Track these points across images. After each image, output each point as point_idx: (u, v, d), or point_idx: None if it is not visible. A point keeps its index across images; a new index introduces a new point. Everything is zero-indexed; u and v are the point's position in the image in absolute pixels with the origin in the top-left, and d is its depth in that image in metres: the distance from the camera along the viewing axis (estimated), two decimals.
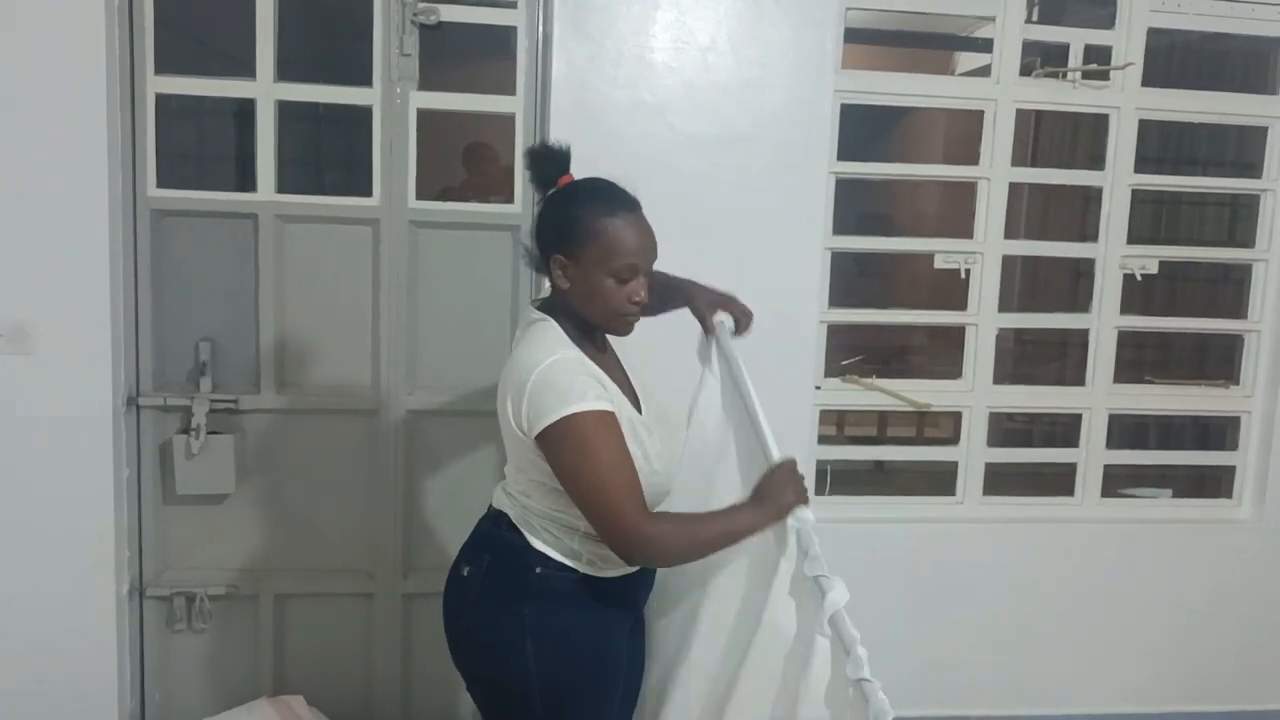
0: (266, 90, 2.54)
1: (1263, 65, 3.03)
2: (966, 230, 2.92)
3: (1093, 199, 3.02)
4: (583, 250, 1.58)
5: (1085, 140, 3.59)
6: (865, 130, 2.88)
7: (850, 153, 2.78)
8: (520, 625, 1.61)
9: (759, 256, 2.64)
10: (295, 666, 2.75)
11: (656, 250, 1.63)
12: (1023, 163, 3.27)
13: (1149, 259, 2.99)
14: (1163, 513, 3.13)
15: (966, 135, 2.98)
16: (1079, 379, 3.05)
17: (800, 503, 1.54)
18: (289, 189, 2.60)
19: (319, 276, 2.64)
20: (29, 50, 2.33)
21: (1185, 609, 3.04)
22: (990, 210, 2.88)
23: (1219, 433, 3.19)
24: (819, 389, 2.86)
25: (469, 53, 2.67)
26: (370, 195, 2.61)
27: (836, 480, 2.95)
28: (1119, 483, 3.17)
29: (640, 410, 1.68)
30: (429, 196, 2.67)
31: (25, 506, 2.47)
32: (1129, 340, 3.08)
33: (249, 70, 2.53)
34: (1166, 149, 3.38)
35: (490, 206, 2.73)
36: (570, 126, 2.53)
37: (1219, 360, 3.23)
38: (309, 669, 2.75)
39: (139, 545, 2.63)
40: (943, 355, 3.39)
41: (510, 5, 2.59)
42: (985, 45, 2.87)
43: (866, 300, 3.41)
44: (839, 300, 2.88)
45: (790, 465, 1.59)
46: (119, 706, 2.58)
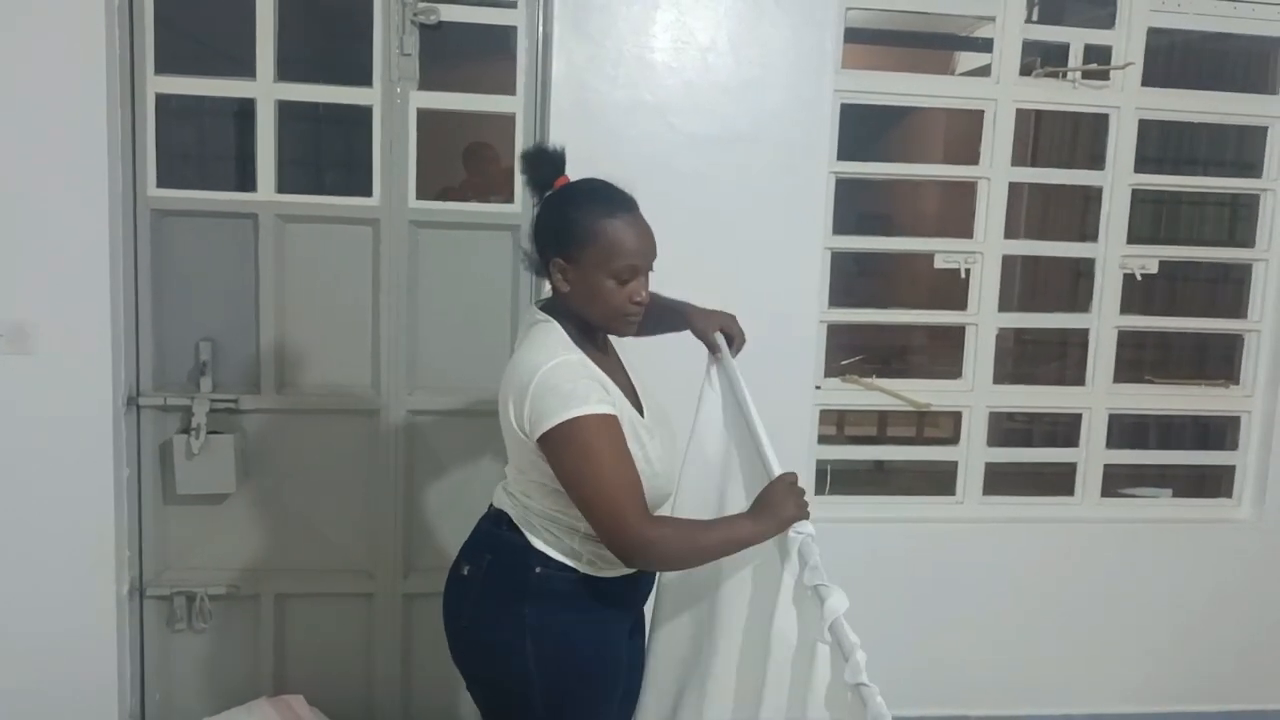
0: (266, 90, 2.54)
1: (1263, 65, 3.03)
2: (966, 230, 2.92)
3: (1093, 199, 3.02)
4: (582, 252, 1.57)
5: (1085, 140, 3.59)
6: (865, 130, 2.88)
7: (850, 153, 2.78)
8: (520, 625, 1.61)
9: (759, 256, 2.64)
10: (295, 666, 2.75)
11: (656, 249, 1.63)
12: (1023, 163, 3.27)
13: (1149, 259, 2.99)
14: (1163, 513, 3.13)
15: (966, 135, 2.98)
16: (1079, 379, 3.05)
17: (801, 517, 1.54)
18: (289, 189, 2.60)
19: (319, 276, 2.64)
20: (29, 50, 2.33)
21: (1185, 609, 3.04)
22: (990, 210, 2.88)
23: (1219, 432, 3.19)
24: (819, 389, 2.86)
25: (469, 53, 2.67)
26: (370, 195, 2.61)
27: (836, 480, 2.95)
28: (1119, 482, 3.17)
29: (642, 412, 1.68)
30: (429, 196, 2.67)
31: (25, 506, 2.47)
32: (1129, 340, 3.08)
33: (249, 70, 2.53)
34: (1166, 149, 3.38)
35: (490, 206, 2.73)
36: (570, 126, 2.53)
37: (1219, 360, 3.23)
38: (309, 669, 2.75)
39: (139, 545, 2.63)
40: (943, 355, 3.39)
41: (510, 5, 2.59)
42: (985, 45, 2.87)
43: (866, 300, 3.41)
44: (839, 300, 2.88)
45: (791, 479, 1.59)
46: (119, 706, 2.58)
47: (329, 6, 3.16)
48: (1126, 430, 3.22)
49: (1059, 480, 3.09)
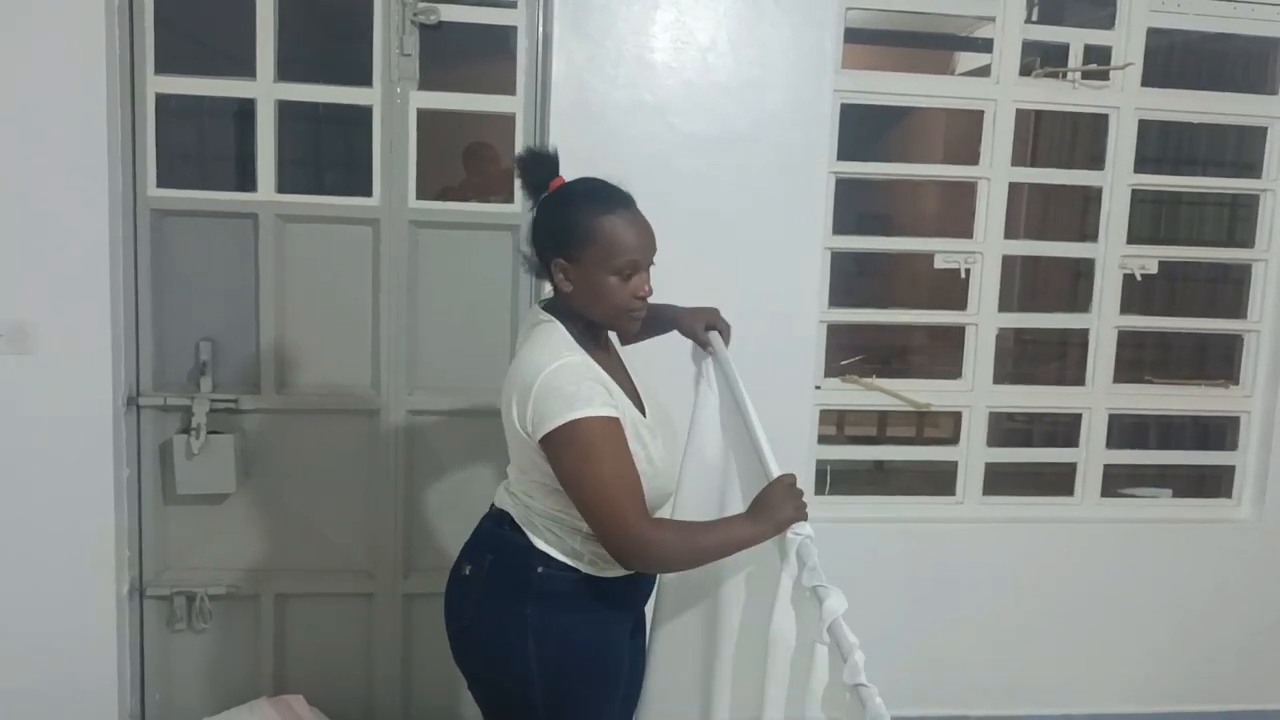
0: (266, 90, 2.54)
1: (1263, 65, 3.03)
2: (966, 230, 2.92)
3: (1092, 199, 3.03)
4: (583, 252, 1.57)
5: (1085, 140, 3.59)
6: (865, 130, 2.88)
7: (850, 153, 2.78)
8: (522, 625, 1.61)
9: (759, 256, 2.64)
10: (295, 666, 2.75)
11: (655, 243, 1.63)
12: (1022, 163, 3.27)
13: (1149, 259, 2.99)
14: (1163, 513, 3.13)
15: (966, 135, 2.98)
16: (1079, 379, 3.05)
17: (799, 518, 1.53)
18: (289, 189, 2.60)
19: (319, 276, 2.64)
20: (29, 50, 2.33)
21: (1185, 609, 3.04)
22: (990, 210, 2.88)
23: (1219, 432, 3.19)
24: (819, 389, 2.86)
25: (469, 53, 2.67)
26: (370, 195, 2.61)
27: (836, 480, 2.95)
28: (1119, 482, 3.17)
29: (644, 412, 1.68)
30: (429, 196, 2.67)
31: (25, 506, 2.47)
32: (1129, 340, 3.08)
33: (249, 70, 2.53)
34: (1166, 149, 3.37)
35: (490, 206, 2.73)
36: (570, 126, 2.53)
37: (1219, 360, 3.23)
38: (309, 669, 2.75)
39: (139, 545, 2.63)
40: (943, 355, 3.39)
41: (510, 5, 2.59)
42: (985, 45, 2.87)
43: (866, 300, 3.40)
44: (839, 300, 2.88)
45: (790, 481, 1.58)
46: (119, 706, 2.58)
47: (329, 6, 3.16)
48: (1126, 430, 3.22)
49: (1059, 480, 3.09)
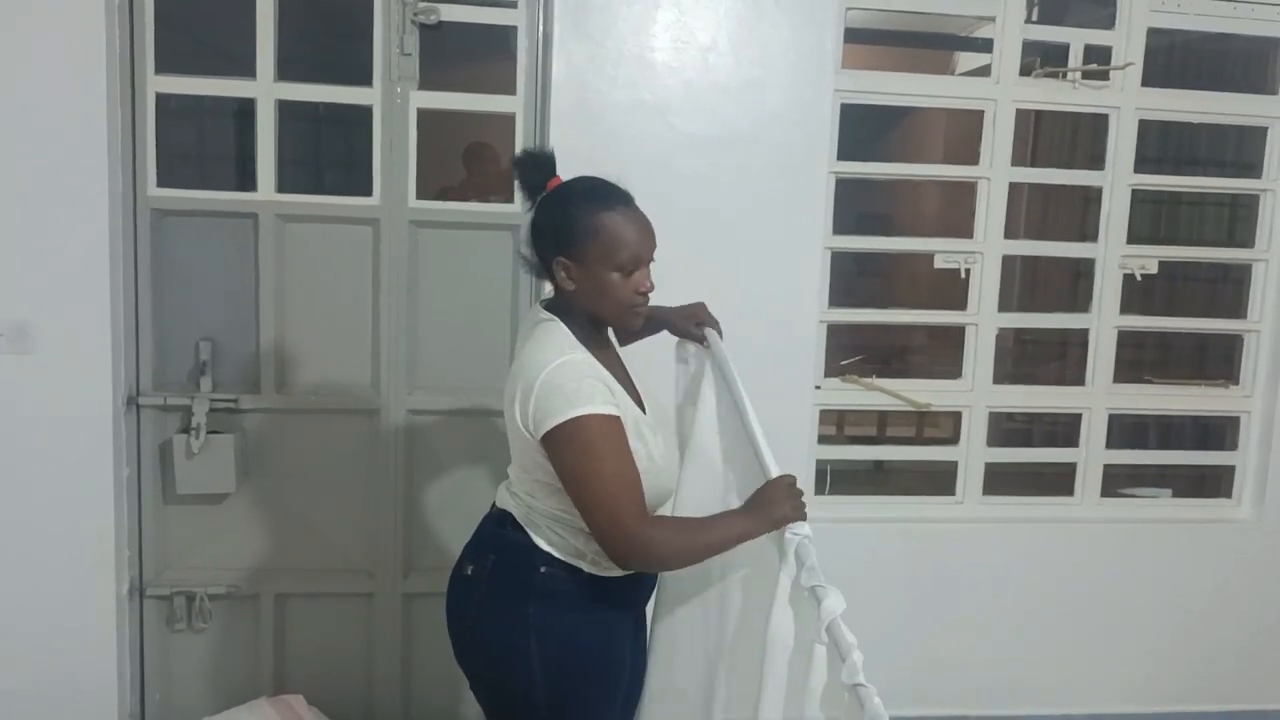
0: (267, 90, 2.54)
1: (1263, 65, 3.03)
2: (966, 230, 2.92)
3: (1093, 199, 3.02)
4: (584, 249, 1.58)
5: (1085, 140, 3.59)
6: (865, 130, 2.88)
7: (850, 153, 2.78)
8: (525, 625, 1.61)
9: (759, 256, 2.64)
10: (295, 666, 2.75)
11: (655, 239, 1.63)
12: (1023, 163, 3.27)
13: (1149, 259, 2.99)
14: (1162, 512, 3.13)
15: (966, 135, 2.98)
16: (1079, 379, 3.05)
17: (798, 518, 1.52)
18: (289, 189, 2.60)
19: (319, 276, 2.64)
20: (29, 50, 2.33)
21: (1185, 609, 3.04)
22: (990, 210, 2.88)
23: (1219, 432, 3.19)
24: (819, 389, 2.86)
25: (469, 53, 2.67)
26: (370, 195, 2.61)
27: (836, 480, 2.95)
28: (1119, 482, 3.17)
29: (644, 410, 1.69)
30: (429, 196, 2.67)
31: (25, 506, 2.47)
32: (1129, 340, 3.08)
33: (249, 70, 2.53)
34: (1166, 149, 3.38)
35: (490, 206, 2.73)
36: (570, 126, 2.53)
37: (1219, 360, 3.23)
38: (309, 669, 2.75)
39: (139, 545, 2.63)
40: (943, 355, 3.39)
41: (510, 5, 2.59)
42: (985, 45, 2.87)
43: (866, 300, 3.40)
44: (839, 300, 2.88)
45: (789, 480, 1.58)
46: (119, 706, 2.58)
47: (329, 6, 3.15)
48: (1126, 430, 3.22)
49: (1059, 480, 3.09)
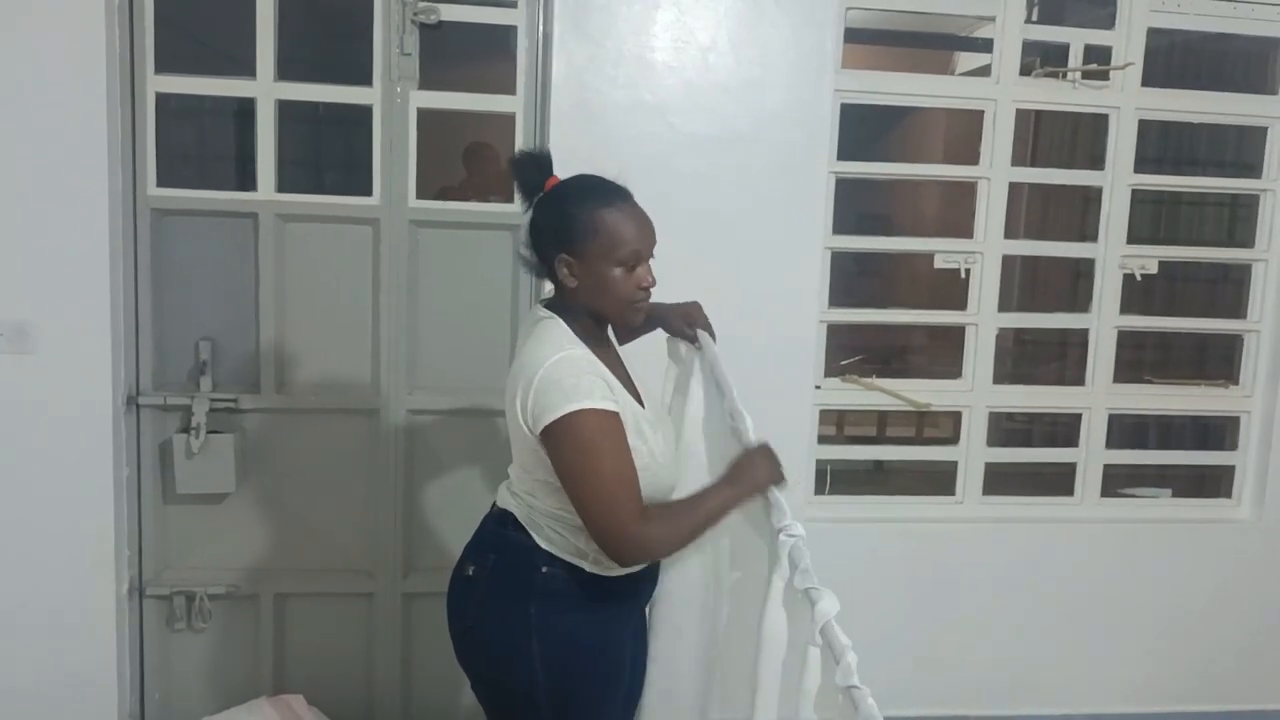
0: (266, 90, 2.54)
1: (1263, 65, 3.03)
2: (966, 230, 2.92)
3: (1092, 199, 3.02)
4: (586, 246, 1.58)
5: (1085, 140, 3.59)
6: (865, 130, 2.88)
7: (850, 153, 2.78)
8: (526, 625, 1.61)
9: (759, 256, 2.64)
10: (295, 666, 2.75)
11: (655, 235, 1.64)
12: (1023, 163, 3.27)
13: (1149, 259, 2.99)
14: (1162, 512, 3.13)
15: (966, 135, 2.98)
16: (1079, 379, 3.05)
17: (777, 480, 1.54)
18: (289, 188, 2.60)
19: (319, 276, 2.64)
20: (29, 50, 2.33)
21: (1185, 609, 3.04)
22: (990, 210, 2.88)
23: (1219, 432, 3.19)
24: (819, 389, 2.86)
25: (469, 52, 2.67)
26: (370, 195, 2.61)
27: (836, 480, 2.95)
28: (1119, 482, 3.17)
29: (643, 405, 1.69)
30: (429, 196, 2.67)
31: (25, 506, 2.47)
32: (1129, 340, 3.08)
33: (249, 70, 2.53)
34: (1166, 149, 3.38)
35: (490, 206, 2.73)
36: (570, 126, 2.53)
37: (1219, 360, 3.23)
38: (309, 669, 2.75)
39: (139, 544, 2.63)
40: (943, 355, 3.39)
41: (510, 5, 2.59)
42: (985, 45, 2.86)
43: (866, 300, 3.41)
44: (839, 300, 2.88)
45: (766, 447, 1.59)
46: (119, 706, 2.58)
47: (329, 6, 3.16)
48: (1126, 430, 3.22)
49: (1059, 480, 3.08)
